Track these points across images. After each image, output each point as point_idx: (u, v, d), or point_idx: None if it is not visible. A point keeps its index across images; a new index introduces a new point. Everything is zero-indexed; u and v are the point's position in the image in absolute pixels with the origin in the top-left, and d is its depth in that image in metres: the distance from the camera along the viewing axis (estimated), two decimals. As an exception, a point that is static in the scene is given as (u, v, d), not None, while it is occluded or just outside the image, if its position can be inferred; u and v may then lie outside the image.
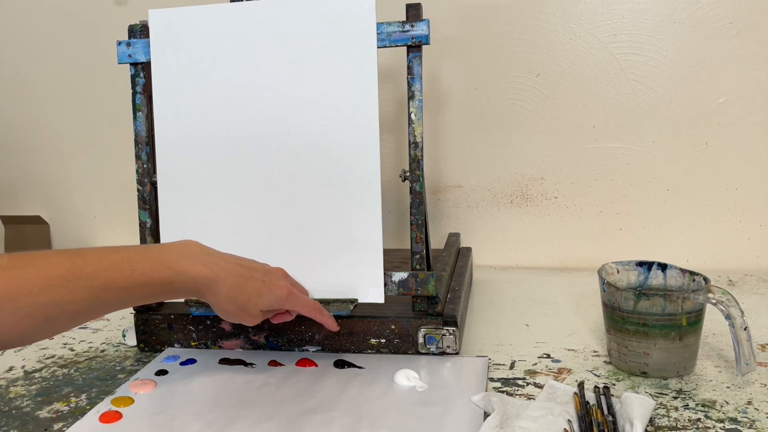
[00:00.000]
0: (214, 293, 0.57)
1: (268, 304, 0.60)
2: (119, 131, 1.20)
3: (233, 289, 0.57)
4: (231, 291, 0.57)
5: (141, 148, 0.72)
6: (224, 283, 0.57)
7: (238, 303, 0.58)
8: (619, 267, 0.68)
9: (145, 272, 0.53)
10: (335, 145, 0.68)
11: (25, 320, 0.48)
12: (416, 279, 0.67)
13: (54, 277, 0.49)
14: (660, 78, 0.98)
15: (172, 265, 0.55)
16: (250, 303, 0.58)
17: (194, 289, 0.57)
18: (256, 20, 0.69)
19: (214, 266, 0.57)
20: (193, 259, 0.56)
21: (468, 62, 1.03)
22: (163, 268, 0.54)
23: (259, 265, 0.62)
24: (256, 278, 0.59)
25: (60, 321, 0.51)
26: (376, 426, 0.54)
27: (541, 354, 0.69)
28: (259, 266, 0.61)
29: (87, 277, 0.51)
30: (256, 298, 0.59)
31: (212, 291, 0.57)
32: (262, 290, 0.59)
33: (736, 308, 0.58)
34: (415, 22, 0.66)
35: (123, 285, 0.53)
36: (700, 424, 0.53)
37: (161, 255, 0.55)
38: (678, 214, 1.01)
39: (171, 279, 0.55)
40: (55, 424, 0.57)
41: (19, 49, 1.24)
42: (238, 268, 0.58)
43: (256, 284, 0.59)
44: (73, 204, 1.28)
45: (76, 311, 0.51)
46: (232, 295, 0.57)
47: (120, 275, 0.52)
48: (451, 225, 1.09)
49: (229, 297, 0.57)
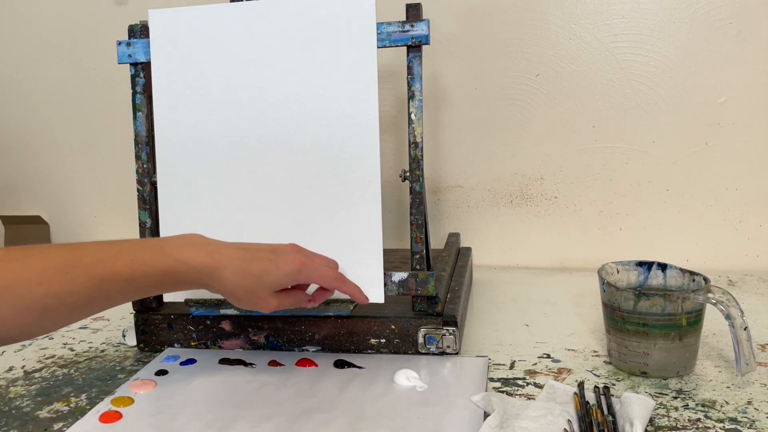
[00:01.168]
0: (219, 281, 0.55)
1: (277, 281, 0.57)
2: (119, 131, 1.20)
3: (238, 273, 0.55)
4: (236, 276, 0.55)
5: (141, 148, 0.72)
6: (227, 269, 0.55)
7: (245, 287, 0.56)
8: (619, 267, 0.68)
9: (146, 262, 0.53)
10: (335, 145, 0.68)
11: (24, 312, 0.48)
12: (416, 279, 0.67)
13: (52, 269, 0.49)
14: (660, 78, 0.98)
15: (173, 254, 0.54)
16: (257, 284, 0.56)
17: (197, 278, 0.55)
18: (256, 20, 0.69)
19: (215, 254, 0.55)
20: (194, 248, 0.55)
21: (468, 62, 1.03)
22: (164, 257, 0.53)
23: (266, 245, 0.59)
24: (261, 258, 0.57)
25: (60, 313, 0.50)
26: (376, 426, 0.54)
27: (541, 354, 0.69)
28: (265, 246, 0.59)
29: (86, 267, 0.50)
30: (263, 277, 0.56)
31: (217, 279, 0.55)
32: (269, 269, 0.56)
33: (736, 308, 0.58)
34: (415, 22, 0.66)
35: (123, 275, 0.52)
36: (700, 424, 0.53)
37: (162, 245, 0.55)
38: (678, 214, 1.01)
39: (173, 269, 0.54)
40: (55, 424, 0.57)
41: (19, 49, 1.24)
42: (241, 252, 0.57)
43: (261, 264, 0.56)
44: (73, 204, 1.28)
45: (76, 303, 0.50)
46: (237, 281, 0.55)
47: (120, 264, 0.51)
48: (451, 225, 1.09)
49: (236, 282, 0.56)
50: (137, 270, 0.52)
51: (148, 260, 0.53)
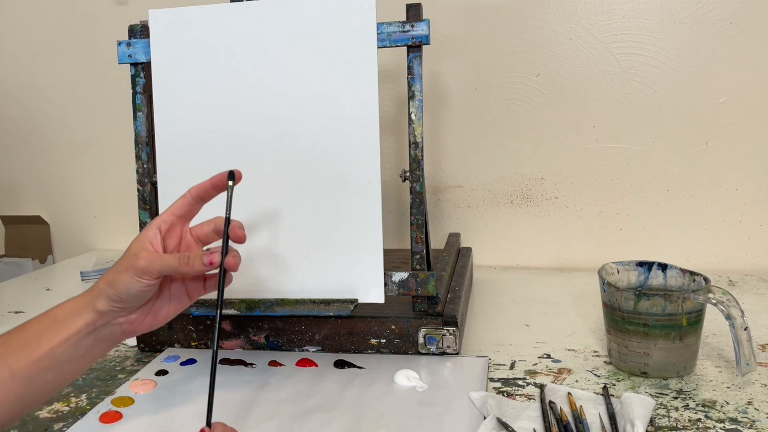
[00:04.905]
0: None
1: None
2: (119, 131, 1.21)
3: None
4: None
5: (141, 148, 0.72)
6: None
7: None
8: (620, 267, 0.68)
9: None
10: (335, 145, 0.68)
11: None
12: (416, 279, 0.67)
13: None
14: (660, 78, 0.98)
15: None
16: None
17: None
18: (256, 20, 0.69)
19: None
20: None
21: (468, 62, 1.03)
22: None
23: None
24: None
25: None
26: (376, 426, 0.54)
27: (541, 354, 0.69)
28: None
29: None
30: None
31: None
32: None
33: (737, 308, 0.58)
34: (415, 22, 0.66)
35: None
36: (701, 425, 0.53)
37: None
38: (678, 214, 1.01)
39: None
40: (55, 424, 0.57)
41: (19, 49, 1.24)
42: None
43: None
44: (73, 204, 1.28)
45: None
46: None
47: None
48: (451, 225, 1.09)
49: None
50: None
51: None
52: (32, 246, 1.30)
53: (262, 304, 0.67)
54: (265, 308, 0.67)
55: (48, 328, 0.50)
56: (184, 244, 0.56)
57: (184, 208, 0.55)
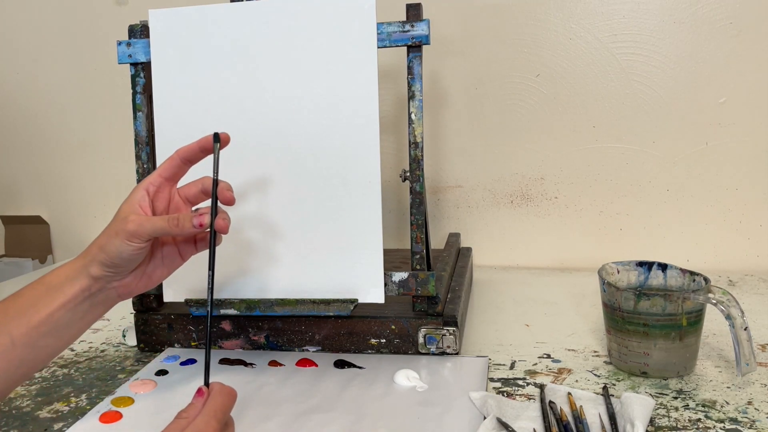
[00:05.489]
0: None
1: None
2: (119, 131, 1.20)
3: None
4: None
5: (141, 148, 0.72)
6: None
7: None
8: (620, 267, 0.68)
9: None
10: (335, 145, 0.67)
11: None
12: (416, 279, 0.67)
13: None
14: (660, 78, 0.98)
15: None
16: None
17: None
18: (256, 20, 0.69)
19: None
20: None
21: (468, 62, 1.03)
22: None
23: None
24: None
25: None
26: (376, 426, 0.54)
27: (541, 354, 0.69)
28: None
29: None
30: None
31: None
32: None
33: (737, 308, 0.58)
34: (415, 22, 0.66)
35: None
36: (701, 425, 0.53)
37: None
38: (678, 214, 1.01)
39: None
40: (55, 424, 0.57)
41: (19, 49, 1.24)
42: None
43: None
44: (73, 204, 1.28)
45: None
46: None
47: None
48: (451, 225, 1.09)
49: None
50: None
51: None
52: (32, 246, 1.30)
53: (262, 304, 0.67)
54: (265, 308, 0.67)
55: (44, 294, 0.50)
56: (173, 205, 0.56)
57: (172, 169, 0.56)
